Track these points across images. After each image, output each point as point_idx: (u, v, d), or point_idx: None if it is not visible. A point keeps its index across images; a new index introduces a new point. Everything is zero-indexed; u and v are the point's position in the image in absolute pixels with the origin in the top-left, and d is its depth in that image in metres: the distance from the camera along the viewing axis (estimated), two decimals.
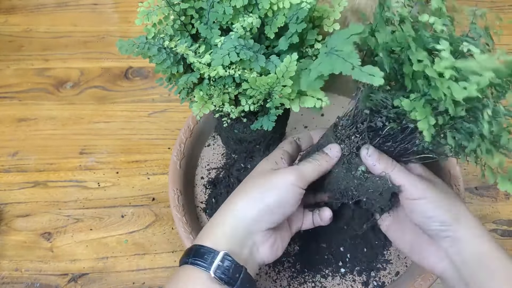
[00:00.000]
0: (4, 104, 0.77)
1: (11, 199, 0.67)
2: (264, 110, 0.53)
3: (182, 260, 0.42)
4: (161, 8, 0.48)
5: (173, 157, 0.61)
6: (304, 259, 0.56)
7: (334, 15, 0.49)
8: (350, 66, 0.41)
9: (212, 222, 0.43)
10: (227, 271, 0.39)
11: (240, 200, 0.43)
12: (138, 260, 0.62)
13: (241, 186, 0.46)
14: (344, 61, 0.41)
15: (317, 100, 0.46)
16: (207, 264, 0.39)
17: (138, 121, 0.75)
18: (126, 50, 0.46)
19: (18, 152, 0.72)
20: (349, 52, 0.42)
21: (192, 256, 0.40)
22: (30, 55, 0.83)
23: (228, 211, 0.43)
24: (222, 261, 0.39)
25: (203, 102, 0.49)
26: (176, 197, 0.58)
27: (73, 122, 0.75)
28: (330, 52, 0.43)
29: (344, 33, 0.43)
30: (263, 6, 0.46)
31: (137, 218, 0.65)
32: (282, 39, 0.47)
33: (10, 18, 0.88)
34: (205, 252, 0.40)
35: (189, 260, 0.40)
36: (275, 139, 0.62)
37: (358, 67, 0.41)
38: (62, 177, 0.69)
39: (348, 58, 0.41)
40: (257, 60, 0.45)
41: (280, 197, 0.42)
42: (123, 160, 0.71)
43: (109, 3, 0.91)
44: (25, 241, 0.64)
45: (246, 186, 0.45)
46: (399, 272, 0.56)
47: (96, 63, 0.82)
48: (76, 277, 0.61)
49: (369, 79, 0.40)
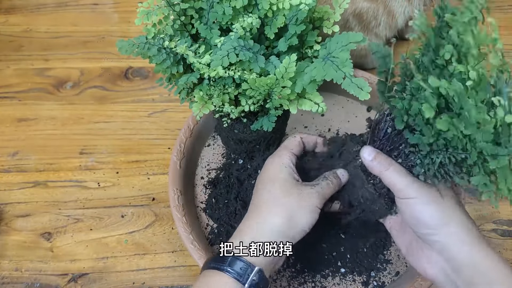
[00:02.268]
0: (4, 104, 0.77)
1: (11, 199, 0.67)
2: (264, 111, 0.53)
3: (212, 264, 0.43)
4: (161, 8, 0.48)
5: (173, 157, 0.61)
6: (304, 259, 0.56)
7: (334, 17, 0.49)
8: (342, 75, 0.41)
9: (244, 233, 0.44)
10: (258, 286, 0.41)
11: (273, 218, 0.44)
12: (138, 260, 0.62)
13: (265, 194, 0.46)
14: (337, 69, 0.42)
15: (314, 105, 0.47)
16: (241, 276, 0.41)
17: (138, 121, 0.75)
18: (126, 50, 0.46)
19: (18, 152, 0.72)
20: (344, 61, 0.42)
21: (228, 265, 0.42)
22: (30, 55, 0.83)
23: (260, 227, 0.44)
24: (255, 276, 0.41)
25: (203, 102, 0.49)
26: (176, 197, 0.58)
27: (73, 122, 0.75)
28: (326, 57, 0.44)
29: (343, 38, 0.44)
30: (263, 6, 0.46)
31: (137, 218, 0.65)
32: (282, 40, 0.47)
33: (10, 18, 0.88)
34: (240, 263, 0.41)
35: (225, 268, 0.41)
36: (275, 139, 0.62)
37: (349, 77, 0.41)
38: (62, 177, 0.69)
39: (342, 67, 0.42)
40: (257, 61, 0.45)
41: (309, 223, 0.44)
42: (123, 160, 0.71)
43: (109, 3, 0.91)
44: (25, 241, 0.64)
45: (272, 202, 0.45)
46: (399, 272, 0.56)
47: (96, 63, 0.82)
48: (76, 277, 0.61)
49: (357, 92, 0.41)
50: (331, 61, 0.43)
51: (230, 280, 0.41)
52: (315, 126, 0.67)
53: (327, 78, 0.42)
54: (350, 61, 0.42)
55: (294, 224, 0.43)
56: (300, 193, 0.44)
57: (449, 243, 0.40)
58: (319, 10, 0.49)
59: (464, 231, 0.40)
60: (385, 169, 0.42)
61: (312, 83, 0.44)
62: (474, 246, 0.39)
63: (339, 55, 0.42)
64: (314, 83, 0.44)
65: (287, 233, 0.43)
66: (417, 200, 0.41)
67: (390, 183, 0.42)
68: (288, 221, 0.43)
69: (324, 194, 0.45)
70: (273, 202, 0.45)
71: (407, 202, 0.41)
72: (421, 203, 0.41)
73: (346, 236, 0.57)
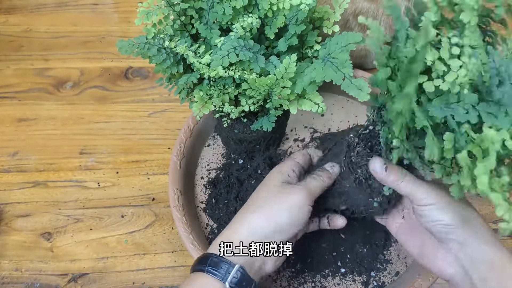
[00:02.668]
0: (4, 104, 0.77)
1: (11, 199, 0.67)
2: (264, 111, 0.53)
3: (196, 267, 0.43)
4: (161, 8, 0.48)
5: (173, 157, 0.61)
6: (304, 259, 0.56)
7: (334, 17, 0.49)
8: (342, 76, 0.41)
9: (227, 233, 0.45)
10: (240, 283, 0.41)
11: (254, 215, 0.45)
12: (138, 260, 0.62)
13: (255, 197, 0.47)
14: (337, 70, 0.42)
15: (314, 105, 0.47)
16: (222, 275, 0.41)
17: (138, 121, 0.75)
18: (126, 50, 0.46)
19: (18, 152, 0.72)
20: (344, 61, 0.42)
21: (209, 265, 0.42)
22: (30, 55, 0.83)
23: (242, 224, 0.45)
24: (237, 273, 0.41)
25: (203, 102, 0.49)
26: (176, 197, 0.58)
27: (73, 122, 0.75)
28: (326, 58, 0.44)
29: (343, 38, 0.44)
30: (263, 6, 0.46)
31: (137, 218, 0.65)
32: (281, 40, 0.47)
33: (10, 18, 0.88)
34: (221, 263, 0.42)
35: (206, 268, 0.42)
36: (275, 139, 0.62)
37: (349, 78, 0.41)
38: (62, 177, 0.69)
39: (342, 67, 0.42)
40: (257, 61, 0.45)
41: (292, 218, 0.44)
42: (123, 160, 0.71)
43: (109, 3, 0.91)
44: (25, 241, 0.64)
45: (258, 199, 0.47)
46: (399, 272, 0.56)
47: (96, 63, 0.82)
48: (76, 277, 0.61)
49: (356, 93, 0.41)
50: (331, 62, 0.43)
51: (212, 280, 0.41)
52: (315, 126, 0.67)
53: (326, 79, 0.42)
54: (350, 62, 0.42)
55: (274, 223, 0.44)
56: (286, 193, 0.45)
57: (468, 241, 0.40)
58: (319, 10, 0.49)
59: (480, 229, 0.41)
60: (400, 180, 0.43)
61: (312, 84, 0.44)
62: (489, 243, 0.40)
63: (338, 56, 0.42)
64: (314, 84, 0.44)
65: (268, 233, 0.44)
66: (437, 206, 0.41)
67: (408, 193, 0.43)
68: (267, 220, 0.44)
69: (310, 189, 0.46)
70: (259, 203, 0.46)
71: (429, 209, 0.42)
72: (440, 207, 0.41)
73: (346, 236, 0.57)
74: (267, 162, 0.60)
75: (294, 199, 0.44)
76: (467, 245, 0.40)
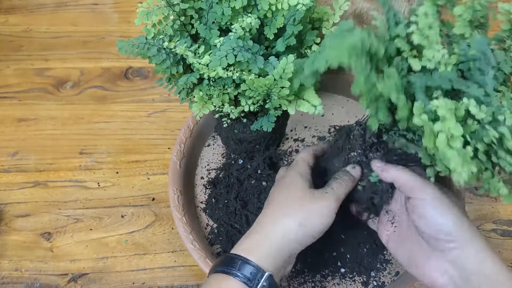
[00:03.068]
0: (4, 104, 0.77)
1: (11, 199, 0.67)
2: (264, 111, 0.53)
3: (221, 268, 0.42)
4: (160, 8, 0.48)
5: (173, 157, 0.61)
6: (304, 259, 0.56)
7: (333, 18, 0.49)
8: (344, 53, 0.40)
9: (256, 236, 0.44)
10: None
11: (287, 221, 0.44)
12: (138, 260, 0.62)
13: (280, 198, 0.46)
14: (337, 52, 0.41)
15: (311, 107, 0.46)
16: (251, 281, 0.40)
17: (138, 121, 0.75)
18: (126, 50, 0.46)
19: (18, 152, 0.72)
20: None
21: (238, 269, 0.41)
22: (30, 55, 0.83)
23: (273, 229, 0.44)
24: (265, 281, 0.40)
25: (203, 102, 0.49)
26: (176, 197, 0.58)
27: (73, 122, 0.75)
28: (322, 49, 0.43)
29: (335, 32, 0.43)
30: (262, 7, 0.46)
31: (137, 218, 0.66)
32: (279, 41, 0.47)
33: (10, 18, 0.88)
34: (251, 267, 0.41)
35: (235, 272, 0.41)
36: (275, 139, 0.62)
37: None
38: (62, 177, 0.69)
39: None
40: (255, 61, 0.45)
41: (324, 224, 0.44)
42: (123, 160, 0.71)
43: (109, 3, 0.91)
44: (25, 241, 0.64)
45: (288, 205, 0.45)
46: (399, 272, 0.56)
47: (96, 63, 0.82)
48: (76, 277, 0.61)
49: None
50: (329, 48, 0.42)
51: (239, 285, 0.40)
52: (315, 126, 0.67)
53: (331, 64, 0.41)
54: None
55: (307, 228, 0.43)
56: (314, 198, 0.45)
57: (466, 252, 0.39)
58: (319, 11, 0.49)
59: (477, 239, 0.40)
60: (396, 169, 0.44)
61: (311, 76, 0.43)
62: (485, 253, 0.39)
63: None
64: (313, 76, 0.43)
65: (300, 238, 0.43)
66: (436, 201, 0.40)
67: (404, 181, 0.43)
68: (301, 225, 0.43)
69: (338, 195, 0.45)
70: (288, 205, 0.45)
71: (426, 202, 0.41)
72: (440, 204, 0.40)
73: (346, 236, 0.57)
74: (267, 162, 0.60)
75: (326, 206, 0.44)
76: (465, 256, 0.39)
